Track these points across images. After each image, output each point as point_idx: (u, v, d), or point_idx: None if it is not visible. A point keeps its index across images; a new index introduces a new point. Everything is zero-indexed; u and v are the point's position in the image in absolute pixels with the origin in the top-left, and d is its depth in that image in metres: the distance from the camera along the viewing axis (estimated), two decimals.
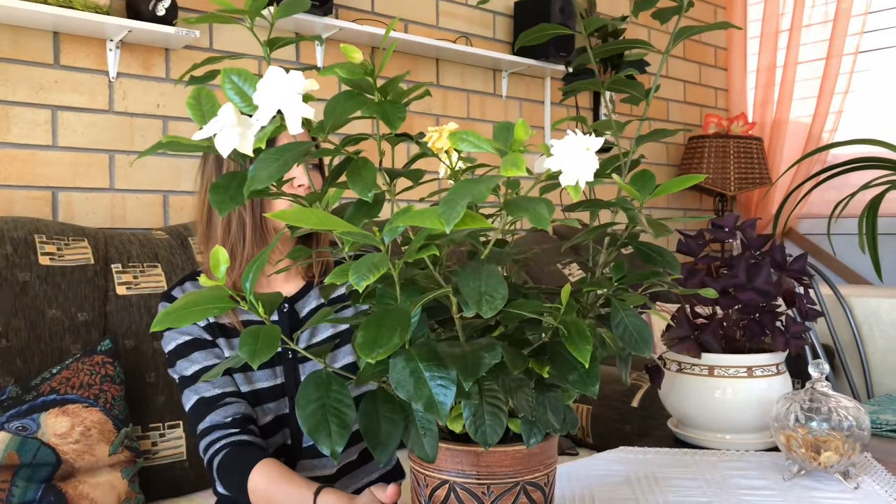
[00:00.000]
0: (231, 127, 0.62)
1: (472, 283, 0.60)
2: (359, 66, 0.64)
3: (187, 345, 1.24)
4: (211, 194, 0.64)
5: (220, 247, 0.69)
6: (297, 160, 0.60)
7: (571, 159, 0.58)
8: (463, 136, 0.57)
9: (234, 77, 0.61)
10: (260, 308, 0.73)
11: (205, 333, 1.25)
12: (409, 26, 2.50)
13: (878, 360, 2.60)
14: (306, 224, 0.52)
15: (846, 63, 3.39)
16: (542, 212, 0.55)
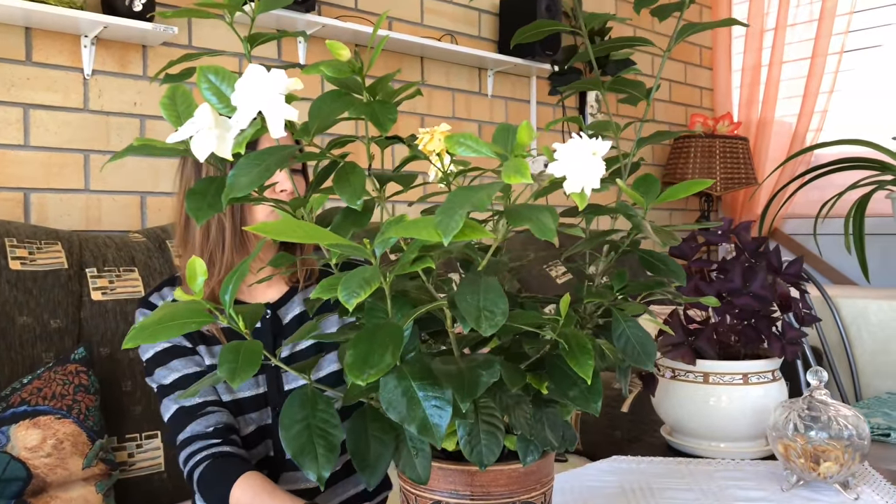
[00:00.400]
0: (208, 129, 0.57)
1: (469, 297, 0.56)
2: (346, 65, 0.60)
3: (166, 352, 1.19)
4: (187, 201, 0.59)
5: (196, 258, 0.64)
6: (280, 165, 0.56)
7: (577, 165, 0.54)
8: (461, 140, 0.52)
9: (210, 76, 0.57)
10: (240, 322, 0.69)
11: (184, 340, 1.20)
12: (393, 24, 2.45)
13: (867, 361, 2.59)
14: (289, 237, 0.48)
15: (831, 62, 3.39)
16: (548, 222, 0.50)
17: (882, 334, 2.57)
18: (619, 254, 0.77)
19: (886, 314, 2.56)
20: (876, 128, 3.31)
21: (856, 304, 2.63)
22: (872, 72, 3.38)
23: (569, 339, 0.70)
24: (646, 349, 0.76)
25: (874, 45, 3.37)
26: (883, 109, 3.34)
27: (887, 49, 3.33)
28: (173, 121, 0.61)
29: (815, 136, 3.43)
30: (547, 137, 2.95)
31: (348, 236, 0.60)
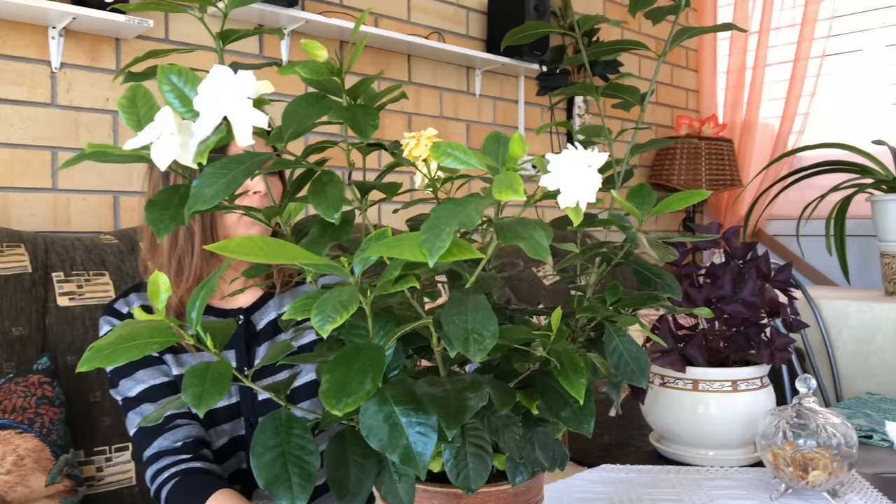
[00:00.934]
0: (170, 135, 0.52)
1: (456, 318, 0.52)
2: (323, 66, 0.55)
3: (131, 362, 1.13)
4: (147, 213, 0.54)
5: (159, 273, 0.59)
6: (250, 174, 0.51)
7: (571, 178, 0.50)
8: (447, 150, 0.48)
9: (172, 76, 0.52)
10: (209, 341, 0.64)
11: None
12: (379, 20, 2.39)
13: (847, 362, 2.59)
14: (258, 258, 0.43)
15: (813, 66, 3.39)
16: (541, 240, 0.46)
17: (862, 335, 2.57)
18: (611, 266, 0.73)
19: (866, 315, 2.55)
20: (856, 130, 3.32)
21: (837, 306, 2.63)
22: (853, 76, 3.38)
23: (561, 356, 0.66)
24: (640, 365, 0.72)
25: (855, 49, 3.37)
26: (863, 112, 3.35)
27: (867, 53, 3.33)
28: (133, 124, 0.56)
29: (797, 138, 3.43)
30: (535, 140, 2.91)
31: (325, 251, 0.55)
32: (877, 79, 3.29)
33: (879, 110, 3.29)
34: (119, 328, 0.62)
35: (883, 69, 3.28)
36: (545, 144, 2.95)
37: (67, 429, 1.33)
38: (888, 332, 2.51)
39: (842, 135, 3.35)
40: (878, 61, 3.30)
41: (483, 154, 0.51)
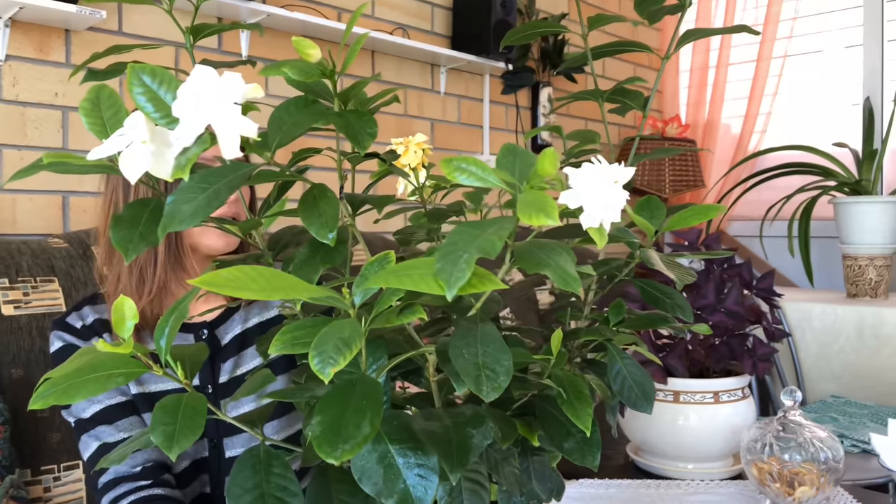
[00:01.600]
0: (141, 143, 0.46)
1: (466, 352, 0.46)
2: (314, 66, 0.49)
3: None
4: (113, 232, 0.48)
5: (124, 297, 0.52)
6: (233, 189, 0.45)
7: (595, 195, 0.45)
8: (461, 166, 0.42)
9: (145, 77, 0.45)
10: (179, 371, 0.57)
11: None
12: (342, 15, 2.32)
13: (811, 364, 2.61)
14: (251, 293, 0.37)
15: (775, 66, 3.42)
16: (568, 267, 0.41)
17: (825, 338, 2.59)
18: (614, 283, 0.69)
19: (829, 317, 2.58)
20: (817, 131, 3.36)
21: (800, 308, 2.65)
22: (813, 77, 3.43)
23: (563, 383, 0.61)
24: (645, 392, 0.68)
25: (815, 50, 3.42)
26: (823, 113, 3.39)
27: (827, 55, 3.38)
28: (96, 130, 0.49)
29: (759, 137, 3.46)
30: (499, 141, 2.86)
31: (317, 276, 0.49)
32: (837, 80, 3.34)
33: (839, 111, 3.34)
34: (78, 357, 0.55)
35: (842, 70, 3.32)
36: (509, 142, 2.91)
37: (12, 447, 1.24)
38: (851, 335, 2.53)
39: (803, 135, 3.39)
40: (837, 63, 3.35)
41: (498, 166, 0.46)
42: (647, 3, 0.65)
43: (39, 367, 1.35)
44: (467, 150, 2.74)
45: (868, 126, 2.78)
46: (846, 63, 3.31)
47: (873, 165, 2.67)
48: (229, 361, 1.09)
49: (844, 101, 3.32)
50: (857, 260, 2.66)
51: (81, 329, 1.07)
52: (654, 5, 0.66)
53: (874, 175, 2.68)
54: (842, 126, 3.31)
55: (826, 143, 2.83)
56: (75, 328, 1.07)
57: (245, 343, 1.10)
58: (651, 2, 0.65)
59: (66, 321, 1.08)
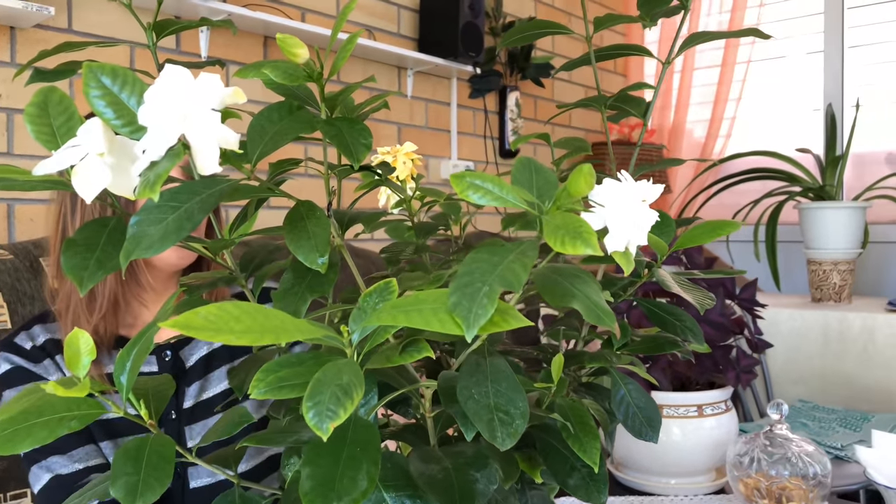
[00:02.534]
0: (98, 155, 0.39)
1: (476, 393, 0.41)
2: (299, 68, 0.43)
3: None
4: (65, 258, 0.41)
5: (79, 331, 0.46)
6: (208, 210, 0.38)
7: (622, 215, 0.40)
8: (475, 183, 0.37)
9: (104, 77, 0.39)
10: (143, 411, 0.51)
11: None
12: (306, 15, 2.25)
13: (779, 369, 2.62)
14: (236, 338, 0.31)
15: (739, 71, 3.45)
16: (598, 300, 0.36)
17: (793, 342, 2.60)
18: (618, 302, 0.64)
19: (797, 322, 2.59)
20: (780, 135, 3.40)
21: (768, 313, 2.65)
22: (777, 82, 3.47)
23: (568, 415, 0.56)
24: (650, 420, 0.63)
25: (778, 56, 3.45)
26: (787, 118, 3.43)
27: (790, 60, 3.41)
28: (44, 140, 0.43)
29: (724, 141, 3.48)
30: (466, 145, 2.82)
31: (305, 307, 0.43)
32: (800, 85, 3.38)
33: (803, 116, 3.37)
34: (24, 397, 0.48)
35: (805, 76, 3.36)
36: (478, 150, 2.87)
37: None
38: (817, 339, 2.55)
39: (767, 139, 3.42)
40: (800, 68, 3.38)
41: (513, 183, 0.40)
42: (653, 3, 0.61)
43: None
44: (435, 155, 2.68)
45: (830, 133, 2.81)
46: (809, 69, 3.35)
47: (836, 171, 2.69)
48: (194, 385, 1.01)
49: (807, 106, 3.36)
50: (822, 265, 2.68)
51: (31, 350, 0.98)
52: (659, 6, 0.61)
53: (837, 181, 2.71)
54: (805, 130, 3.34)
55: (790, 148, 2.85)
56: (24, 349, 0.98)
57: (211, 365, 1.03)
58: (657, 2, 0.61)
59: (15, 342, 0.99)
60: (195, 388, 1.01)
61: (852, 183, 3.14)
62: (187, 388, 1.01)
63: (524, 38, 0.65)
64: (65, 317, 0.98)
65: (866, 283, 3.14)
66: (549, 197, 0.39)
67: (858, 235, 2.62)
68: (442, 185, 2.71)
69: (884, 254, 3.14)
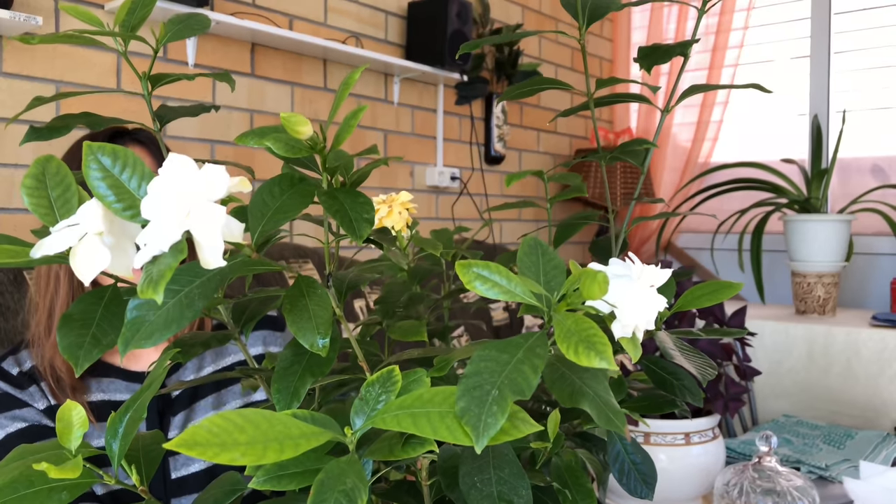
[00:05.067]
0: (97, 234, 0.38)
1: (477, 479, 0.40)
2: (301, 142, 0.42)
3: (21, 435, 0.94)
4: (61, 335, 0.40)
5: (71, 403, 0.45)
6: (210, 295, 0.38)
7: (631, 303, 0.39)
8: (481, 273, 0.36)
9: (104, 158, 0.38)
10: (134, 476, 0.50)
11: (44, 418, 0.96)
12: (294, 22, 2.22)
13: (762, 382, 2.64)
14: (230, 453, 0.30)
15: (726, 75, 3.46)
16: (610, 399, 0.35)
17: (776, 355, 2.62)
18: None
19: (780, 335, 2.61)
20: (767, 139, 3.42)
21: (752, 325, 2.67)
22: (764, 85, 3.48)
23: (564, 477, 0.56)
24: (646, 477, 0.63)
25: (765, 60, 3.47)
26: (774, 122, 3.45)
27: (778, 65, 3.43)
28: (42, 213, 0.42)
29: (711, 145, 3.49)
30: (451, 152, 2.81)
31: (305, 389, 0.43)
32: (787, 90, 3.40)
33: (789, 121, 3.40)
34: (13, 461, 0.47)
35: (792, 81, 3.38)
36: (464, 156, 2.86)
37: None
38: (801, 353, 2.57)
39: (753, 144, 3.44)
40: (787, 73, 3.41)
41: (520, 268, 0.40)
42: (653, 57, 0.60)
43: None
44: (421, 162, 2.67)
45: (816, 145, 2.83)
46: (796, 73, 3.37)
47: (821, 184, 2.72)
48: (180, 415, 1.00)
49: (793, 111, 3.38)
50: (806, 277, 2.70)
51: (18, 376, 0.96)
52: (660, 61, 0.61)
53: (822, 193, 2.73)
54: (792, 135, 3.36)
55: (776, 152, 2.87)
56: (11, 375, 0.96)
57: (198, 394, 1.02)
58: (658, 57, 0.61)
59: (1, 367, 0.97)
60: (181, 417, 1.00)
61: (837, 190, 3.17)
62: (173, 417, 1.00)
63: (524, 92, 0.65)
64: (41, 342, 0.96)
65: (850, 294, 3.18)
66: (557, 285, 0.39)
67: (843, 248, 2.64)
68: (428, 191, 2.70)
69: (868, 265, 3.17)
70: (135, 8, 0.60)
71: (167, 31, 0.58)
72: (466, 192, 2.83)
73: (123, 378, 1.00)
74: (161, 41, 0.57)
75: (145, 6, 0.60)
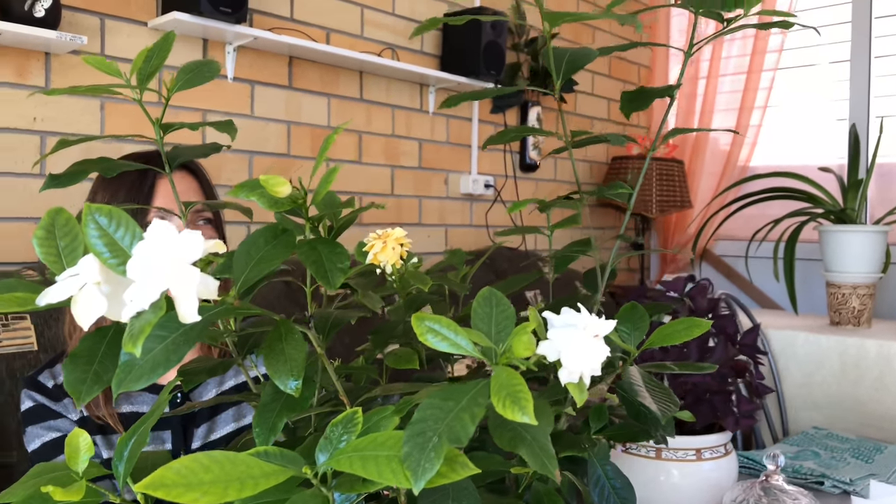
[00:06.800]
0: (95, 284, 0.43)
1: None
2: (283, 200, 0.47)
3: (55, 444, 1.01)
4: (66, 371, 0.45)
5: (79, 430, 0.50)
6: (194, 342, 0.42)
7: (575, 350, 0.43)
8: (434, 327, 0.40)
9: (100, 218, 0.43)
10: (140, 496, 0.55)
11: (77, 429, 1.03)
12: (331, 35, 2.28)
13: (794, 394, 2.61)
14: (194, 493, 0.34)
15: (765, 79, 3.41)
16: (546, 444, 0.39)
17: (809, 366, 2.59)
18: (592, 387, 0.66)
19: (812, 346, 2.58)
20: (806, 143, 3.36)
21: (785, 336, 2.64)
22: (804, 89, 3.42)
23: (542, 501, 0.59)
24: (626, 502, 0.66)
25: (805, 64, 3.41)
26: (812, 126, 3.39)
27: (818, 69, 3.37)
28: (51, 261, 0.47)
29: (749, 150, 3.45)
30: (486, 157, 2.84)
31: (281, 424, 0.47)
32: (826, 94, 3.34)
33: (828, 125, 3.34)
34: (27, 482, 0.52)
35: (831, 85, 3.32)
36: (497, 162, 2.89)
37: None
38: (834, 365, 2.53)
39: (792, 148, 3.39)
40: (827, 77, 3.35)
41: (474, 318, 0.43)
42: (635, 104, 0.63)
43: (9, 412, 1.31)
44: (455, 170, 2.71)
45: (853, 154, 2.78)
46: (835, 78, 3.31)
47: (858, 194, 2.67)
48: (203, 427, 1.06)
49: (833, 116, 3.32)
50: (841, 288, 2.67)
51: (53, 389, 1.03)
52: (642, 107, 0.63)
53: (859, 203, 2.68)
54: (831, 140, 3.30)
55: (815, 156, 2.83)
56: (46, 388, 1.04)
57: (219, 407, 1.08)
58: (638, 104, 0.63)
59: (38, 380, 1.05)
60: (203, 429, 1.06)
61: (875, 198, 3.11)
62: (196, 429, 1.06)
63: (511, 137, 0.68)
64: None
65: (887, 305, 3.12)
66: (505, 336, 0.42)
67: (880, 259, 2.60)
68: (462, 199, 2.74)
69: None
70: (151, 56, 0.66)
71: (178, 81, 0.63)
72: (500, 199, 2.86)
73: (150, 391, 1.06)
74: (172, 90, 0.62)
75: (161, 55, 0.65)
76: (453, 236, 2.67)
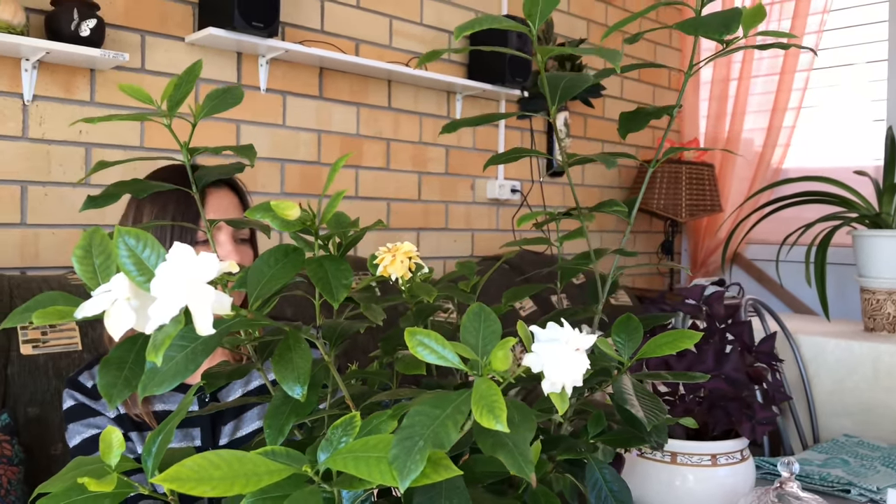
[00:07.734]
0: (125, 300, 0.48)
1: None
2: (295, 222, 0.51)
3: (94, 441, 1.08)
4: (100, 376, 0.50)
5: (112, 428, 0.55)
6: (210, 351, 0.47)
7: (557, 363, 0.47)
8: (425, 341, 0.44)
9: (129, 240, 0.48)
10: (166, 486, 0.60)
11: (115, 426, 1.09)
12: (360, 46, 2.35)
13: (824, 400, 2.59)
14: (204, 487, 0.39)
15: (799, 79, 3.38)
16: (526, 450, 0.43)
17: (840, 373, 2.57)
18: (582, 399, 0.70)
19: (844, 353, 2.56)
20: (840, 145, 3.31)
21: (815, 342, 2.62)
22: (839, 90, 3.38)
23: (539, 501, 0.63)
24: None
25: (840, 64, 3.37)
26: (847, 128, 3.34)
27: (853, 69, 3.33)
28: (88, 278, 0.52)
29: (783, 151, 3.42)
30: (514, 163, 2.88)
31: (288, 427, 0.52)
32: (862, 95, 3.30)
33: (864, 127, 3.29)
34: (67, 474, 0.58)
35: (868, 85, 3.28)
36: (524, 167, 2.92)
37: (26, 487, 1.28)
38: (866, 371, 2.51)
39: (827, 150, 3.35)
40: (863, 77, 3.30)
41: (463, 332, 0.48)
42: (632, 124, 0.67)
43: (54, 408, 1.39)
44: (481, 176, 2.75)
45: (890, 157, 2.75)
46: (872, 77, 3.27)
47: (894, 198, 2.64)
48: (230, 424, 1.12)
49: (870, 117, 3.28)
50: (875, 294, 2.64)
51: (92, 389, 1.10)
52: (637, 128, 0.67)
53: (895, 208, 2.65)
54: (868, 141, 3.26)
55: (851, 158, 2.79)
56: (86, 388, 1.11)
57: (245, 406, 1.13)
58: (635, 125, 0.67)
59: (78, 380, 1.12)
60: (230, 426, 1.12)
61: None
62: (223, 426, 1.12)
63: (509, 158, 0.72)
64: None
65: None
66: (492, 348, 0.46)
67: None
68: (489, 204, 2.78)
69: None
70: (180, 84, 0.71)
71: (204, 108, 0.69)
72: (526, 204, 2.89)
73: (181, 391, 1.12)
74: (198, 116, 0.67)
75: (189, 82, 0.71)
76: (480, 241, 2.72)
